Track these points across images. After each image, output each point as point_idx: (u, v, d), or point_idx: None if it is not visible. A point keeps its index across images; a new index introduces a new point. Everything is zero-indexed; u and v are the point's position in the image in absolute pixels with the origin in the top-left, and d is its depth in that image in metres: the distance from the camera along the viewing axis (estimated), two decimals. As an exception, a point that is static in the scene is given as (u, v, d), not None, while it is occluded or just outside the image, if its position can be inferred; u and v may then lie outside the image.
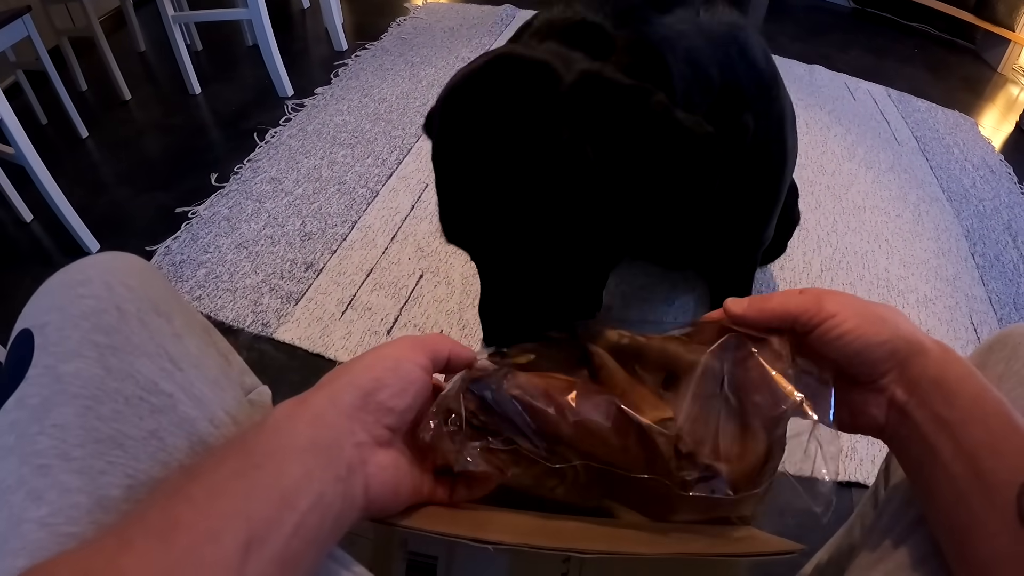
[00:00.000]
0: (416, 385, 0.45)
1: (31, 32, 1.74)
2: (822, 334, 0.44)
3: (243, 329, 1.36)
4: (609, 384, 0.51)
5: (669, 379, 0.52)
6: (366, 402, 0.42)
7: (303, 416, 0.40)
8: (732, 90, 0.76)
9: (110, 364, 0.41)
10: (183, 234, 1.62)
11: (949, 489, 0.40)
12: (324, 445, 0.39)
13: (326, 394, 0.42)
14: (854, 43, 2.80)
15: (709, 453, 0.46)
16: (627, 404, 0.47)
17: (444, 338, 0.50)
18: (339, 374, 0.44)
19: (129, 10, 2.40)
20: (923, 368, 0.42)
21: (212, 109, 2.18)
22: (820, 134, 2.09)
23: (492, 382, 0.49)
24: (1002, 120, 2.41)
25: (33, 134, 1.48)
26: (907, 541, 0.46)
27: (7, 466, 0.37)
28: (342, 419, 0.40)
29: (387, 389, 0.43)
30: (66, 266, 0.45)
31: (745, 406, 0.47)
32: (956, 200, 1.88)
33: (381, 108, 2.10)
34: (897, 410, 0.43)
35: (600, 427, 0.47)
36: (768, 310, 0.47)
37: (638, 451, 0.47)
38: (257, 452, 0.37)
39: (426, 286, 1.47)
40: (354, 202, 1.71)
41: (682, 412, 0.47)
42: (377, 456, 0.42)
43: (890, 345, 0.43)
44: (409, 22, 2.68)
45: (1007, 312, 1.52)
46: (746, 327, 0.48)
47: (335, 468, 0.38)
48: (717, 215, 0.91)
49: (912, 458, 0.44)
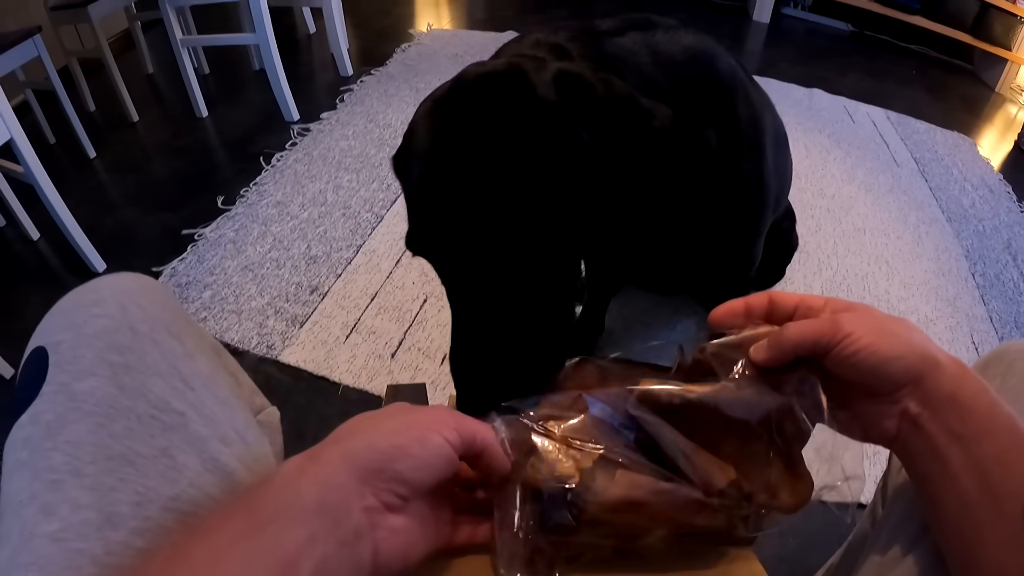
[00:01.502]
0: (440, 462, 0.41)
1: (41, 52, 1.77)
2: (837, 354, 0.44)
3: (248, 351, 1.36)
4: (677, 454, 0.47)
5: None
6: (382, 468, 0.39)
7: (312, 474, 0.37)
8: (691, 106, 0.77)
9: (123, 383, 0.41)
10: (189, 256, 1.63)
11: (957, 499, 0.41)
12: (331, 507, 0.36)
13: (340, 452, 0.39)
14: (853, 66, 2.83)
15: (763, 494, 0.46)
16: (696, 476, 0.46)
17: (488, 431, 0.45)
18: (358, 429, 0.41)
19: (138, 32, 2.43)
20: (937, 383, 0.43)
21: (219, 132, 2.20)
22: (820, 157, 2.11)
23: (566, 508, 0.45)
24: (1000, 139, 2.43)
25: (41, 153, 1.50)
26: (907, 557, 0.47)
27: (20, 480, 0.38)
28: (353, 481, 0.38)
29: (408, 460, 0.39)
30: (80, 286, 0.46)
31: (792, 448, 0.47)
32: (956, 220, 1.89)
33: (386, 133, 2.12)
34: (910, 422, 0.44)
35: (684, 523, 0.47)
36: (789, 346, 0.46)
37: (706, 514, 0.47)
38: (261, 512, 0.36)
39: (430, 310, 1.48)
40: (359, 226, 1.73)
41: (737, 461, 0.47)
42: (388, 521, 0.39)
43: (905, 361, 0.43)
44: (414, 48, 2.71)
45: (1008, 331, 1.53)
46: (773, 366, 0.47)
47: (341, 532, 0.36)
48: (700, 233, 0.92)
49: (922, 469, 0.44)
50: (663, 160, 0.63)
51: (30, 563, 0.36)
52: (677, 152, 0.62)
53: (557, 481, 0.45)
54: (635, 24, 0.80)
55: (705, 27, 1.06)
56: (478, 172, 0.56)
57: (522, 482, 0.46)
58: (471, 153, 0.57)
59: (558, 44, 0.70)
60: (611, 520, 0.45)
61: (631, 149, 0.61)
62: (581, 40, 0.72)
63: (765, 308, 0.50)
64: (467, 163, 0.57)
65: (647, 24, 0.80)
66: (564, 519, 0.45)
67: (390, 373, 1.32)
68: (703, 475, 0.46)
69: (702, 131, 0.79)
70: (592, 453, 0.47)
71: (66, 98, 1.94)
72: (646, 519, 0.46)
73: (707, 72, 0.81)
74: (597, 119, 0.59)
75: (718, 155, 0.82)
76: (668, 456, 0.47)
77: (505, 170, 0.56)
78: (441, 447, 0.40)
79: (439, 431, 0.41)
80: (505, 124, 0.57)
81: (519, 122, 0.57)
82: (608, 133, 0.60)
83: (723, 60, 0.83)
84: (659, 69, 0.75)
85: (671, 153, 0.62)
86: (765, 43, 3.06)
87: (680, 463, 0.46)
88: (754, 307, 0.50)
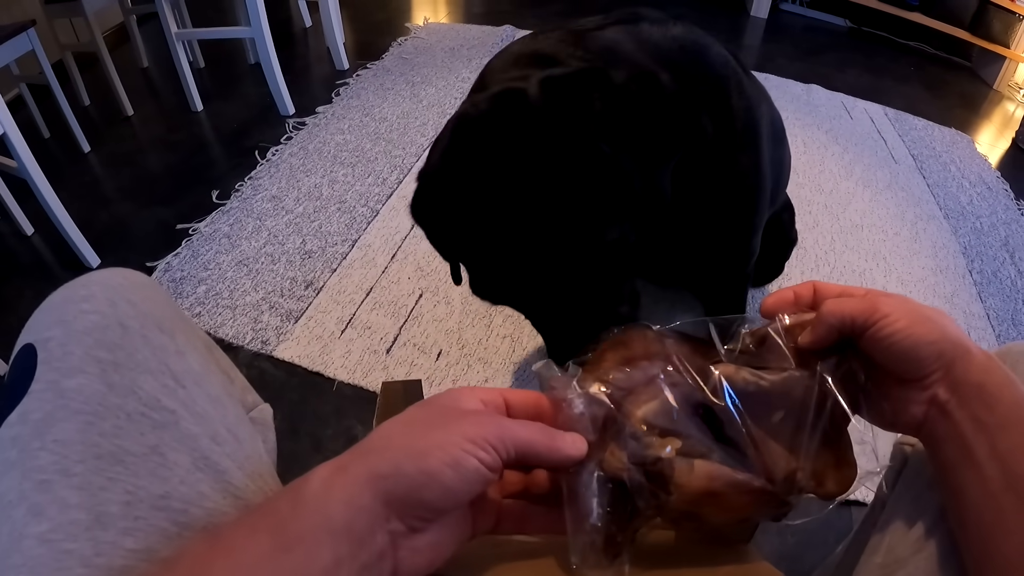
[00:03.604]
0: (472, 487, 0.38)
1: (35, 46, 1.76)
2: (874, 333, 0.45)
3: (243, 347, 1.36)
4: (752, 442, 0.47)
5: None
6: (408, 496, 0.37)
7: (339, 492, 0.36)
8: (685, 89, 0.77)
9: (112, 380, 0.41)
10: (183, 250, 1.62)
11: (980, 488, 0.41)
12: (357, 531, 0.35)
13: (367, 471, 0.37)
14: (851, 62, 2.83)
15: (810, 481, 0.47)
16: (761, 464, 0.46)
17: (538, 433, 0.41)
18: (390, 442, 0.39)
19: (132, 26, 2.42)
20: (967, 371, 0.44)
21: (214, 126, 2.19)
22: (818, 153, 2.10)
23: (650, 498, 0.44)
24: (998, 137, 2.43)
25: (35, 148, 1.49)
26: (911, 560, 0.47)
27: (9, 481, 0.37)
28: (379, 505, 0.36)
29: (436, 489, 0.37)
30: (70, 281, 0.46)
31: (840, 434, 0.48)
32: (953, 217, 1.89)
33: (382, 127, 2.11)
34: (938, 408, 0.45)
35: (751, 513, 0.47)
36: (828, 322, 0.47)
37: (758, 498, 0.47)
38: (288, 532, 0.35)
39: (426, 305, 1.47)
40: (354, 221, 1.72)
41: (789, 447, 0.47)
42: (411, 542, 0.38)
43: (938, 346, 0.44)
44: (410, 42, 2.70)
45: (1005, 328, 1.53)
46: (819, 347, 0.48)
47: (365, 556, 0.36)
48: (698, 224, 0.92)
49: (946, 457, 0.45)
50: (674, 128, 0.63)
51: (20, 565, 0.35)
52: (684, 123, 0.63)
53: (639, 469, 0.44)
54: (620, 19, 0.80)
55: (702, 22, 1.06)
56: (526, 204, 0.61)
57: (601, 467, 0.44)
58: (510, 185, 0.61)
59: (540, 52, 0.71)
60: (690, 511, 0.45)
61: (645, 118, 0.62)
62: (563, 42, 0.73)
63: (811, 297, 0.51)
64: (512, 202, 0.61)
65: (634, 18, 0.80)
66: (647, 511, 0.43)
67: (385, 369, 1.31)
68: (768, 464, 0.46)
69: (699, 115, 0.79)
70: (673, 442, 0.45)
71: (60, 92, 1.93)
72: (721, 510, 0.45)
73: (698, 60, 0.81)
74: (607, 117, 0.60)
75: (714, 144, 0.82)
76: (738, 444, 0.46)
77: (543, 194, 0.60)
78: (476, 472, 0.37)
79: (476, 451, 0.37)
80: (521, 154, 0.60)
81: (535, 149, 0.59)
82: (623, 116, 0.60)
83: (714, 49, 0.83)
84: (648, 56, 0.75)
85: (680, 122, 0.63)
86: (763, 39, 3.05)
87: (749, 452, 0.46)
88: (801, 295, 0.52)
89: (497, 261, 0.64)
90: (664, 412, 0.46)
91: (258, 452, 0.49)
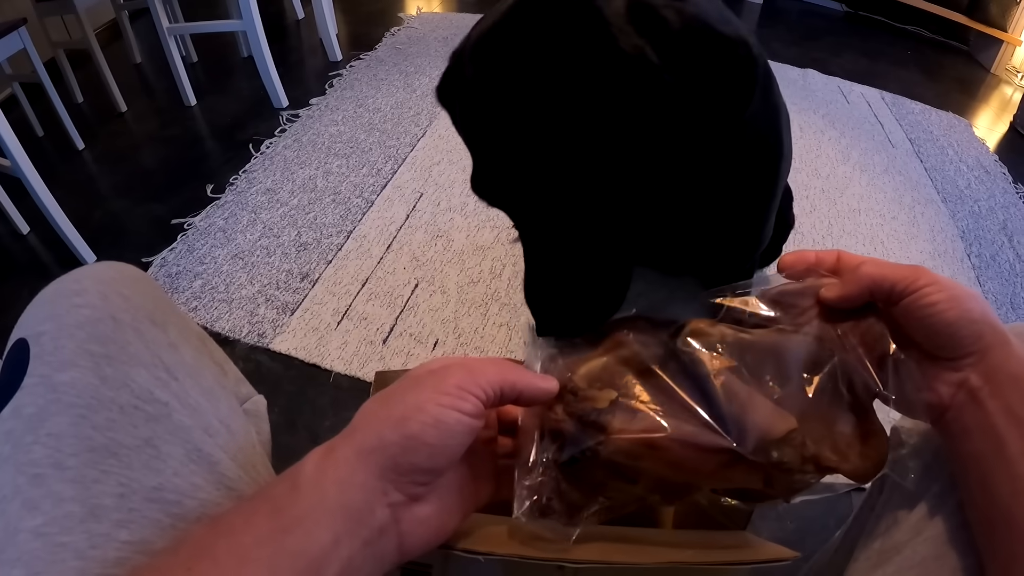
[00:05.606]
0: (459, 440, 0.39)
1: (27, 44, 1.74)
2: (913, 301, 0.42)
3: (239, 340, 1.35)
4: (727, 396, 0.45)
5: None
6: (397, 463, 0.37)
7: (332, 474, 0.37)
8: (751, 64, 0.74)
9: (105, 373, 0.41)
10: (179, 245, 1.62)
11: (1011, 485, 0.39)
12: (354, 508, 0.36)
13: (353, 448, 0.38)
14: (847, 47, 2.82)
15: (830, 453, 0.44)
16: (750, 422, 0.43)
17: (508, 369, 0.43)
18: (370, 418, 0.40)
19: (124, 22, 2.40)
20: (1004, 360, 0.42)
21: (207, 120, 2.18)
22: (814, 138, 2.10)
23: (582, 446, 0.44)
24: (996, 120, 2.42)
25: (29, 146, 1.48)
26: (908, 545, 0.46)
27: (3, 475, 0.38)
28: (372, 479, 0.37)
29: (423, 450, 0.38)
30: (61, 276, 0.45)
31: (864, 405, 0.45)
32: (951, 201, 1.89)
33: (376, 118, 2.10)
34: (968, 394, 0.42)
35: (718, 477, 0.44)
36: (866, 282, 0.44)
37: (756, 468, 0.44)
38: (287, 514, 0.35)
39: (421, 295, 1.47)
40: (349, 212, 1.72)
41: (801, 413, 0.44)
42: (413, 513, 0.39)
43: (978, 327, 0.42)
44: (403, 32, 2.69)
45: (1004, 312, 1.53)
46: (845, 305, 0.46)
47: (365, 532, 0.36)
48: (714, 202, 0.89)
49: (974, 448, 0.42)
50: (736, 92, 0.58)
51: (15, 559, 0.35)
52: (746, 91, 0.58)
53: (574, 421, 0.45)
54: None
55: (697, 7, 1.05)
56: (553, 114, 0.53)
57: (541, 422, 0.45)
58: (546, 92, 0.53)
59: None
60: (633, 465, 0.44)
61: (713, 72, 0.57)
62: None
63: (833, 263, 0.49)
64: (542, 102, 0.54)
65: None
66: (578, 453, 0.44)
67: (382, 359, 1.31)
68: (760, 422, 0.43)
69: (754, 88, 0.75)
70: (610, 393, 0.45)
71: (53, 90, 1.91)
72: (664, 464, 0.43)
73: (740, 32, 0.78)
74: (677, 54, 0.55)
75: (747, 120, 0.79)
76: (717, 402, 0.44)
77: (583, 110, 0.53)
78: (458, 423, 0.38)
79: (455, 404, 0.39)
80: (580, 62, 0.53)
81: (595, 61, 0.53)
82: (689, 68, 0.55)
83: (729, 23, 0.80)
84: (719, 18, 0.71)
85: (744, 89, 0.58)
86: (759, 23, 3.04)
87: (725, 408, 0.44)
88: (824, 259, 0.49)
89: (510, 162, 0.57)
90: (606, 368, 0.47)
91: (251, 443, 0.49)
